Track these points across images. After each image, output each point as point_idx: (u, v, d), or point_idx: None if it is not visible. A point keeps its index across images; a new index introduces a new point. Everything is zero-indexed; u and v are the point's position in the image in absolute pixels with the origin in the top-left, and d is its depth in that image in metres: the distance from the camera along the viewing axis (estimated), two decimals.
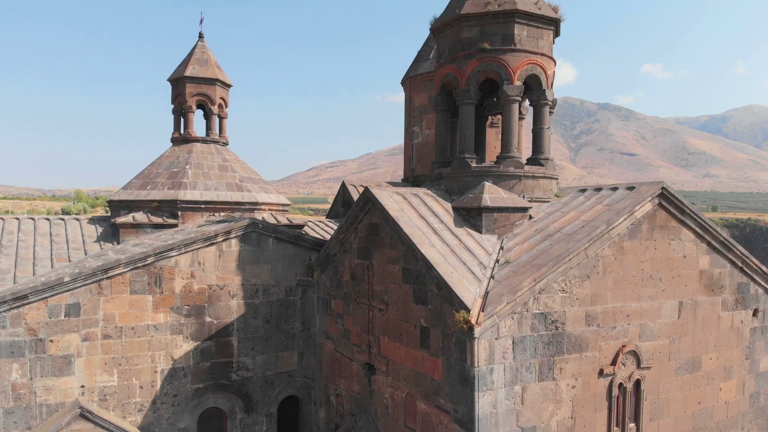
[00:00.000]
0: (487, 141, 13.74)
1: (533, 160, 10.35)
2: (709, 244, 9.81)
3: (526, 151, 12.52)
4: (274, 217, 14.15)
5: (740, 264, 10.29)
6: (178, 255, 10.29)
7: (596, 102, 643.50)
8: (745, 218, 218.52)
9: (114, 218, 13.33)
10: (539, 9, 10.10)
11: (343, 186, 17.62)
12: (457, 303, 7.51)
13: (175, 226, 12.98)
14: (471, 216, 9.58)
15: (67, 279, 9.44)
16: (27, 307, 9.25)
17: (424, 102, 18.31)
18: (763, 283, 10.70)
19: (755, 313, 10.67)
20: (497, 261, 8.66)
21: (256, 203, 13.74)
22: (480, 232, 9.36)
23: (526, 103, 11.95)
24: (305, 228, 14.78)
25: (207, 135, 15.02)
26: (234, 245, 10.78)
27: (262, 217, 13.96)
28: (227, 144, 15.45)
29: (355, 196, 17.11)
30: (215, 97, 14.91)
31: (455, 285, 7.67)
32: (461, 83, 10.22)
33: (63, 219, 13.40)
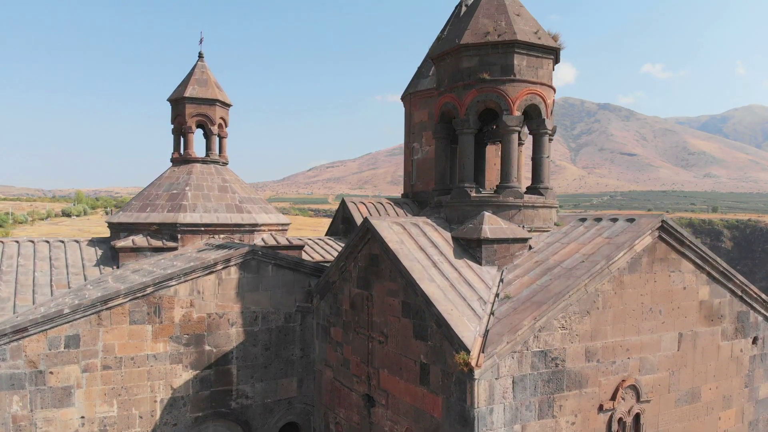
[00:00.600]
0: (487, 158, 13.76)
1: (533, 189, 10.34)
2: (708, 274, 9.81)
3: (525, 180, 12.54)
4: (274, 238, 14.17)
5: (740, 293, 10.28)
6: (177, 284, 10.28)
7: (596, 102, 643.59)
8: (745, 219, 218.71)
9: (113, 240, 13.34)
10: (539, 39, 10.09)
11: (343, 203, 17.63)
12: (457, 343, 7.51)
13: (174, 249, 12.98)
14: (471, 247, 9.58)
15: (66, 311, 9.44)
16: (27, 340, 9.25)
17: (424, 118, 18.32)
18: (762, 311, 10.71)
19: (755, 341, 10.68)
20: (497, 295, 8.65)
21: (256, 225, 13.74)
22: (480, 263, 9.35)
23: (525, 129, 11.94)
24: (305, 249, 14.79)
25: (207, 155, 15.02)
26: (233, 273, 10.77)
27: (262, 239, 13.99)
28: (227, 163, 15.46)
29: (355, 214, 17.15)
30: (215, 117, 14.91)
31: (455, 324, 7.66)
32: (460, 113, 10.22)
33: (62, 242, 13.40)
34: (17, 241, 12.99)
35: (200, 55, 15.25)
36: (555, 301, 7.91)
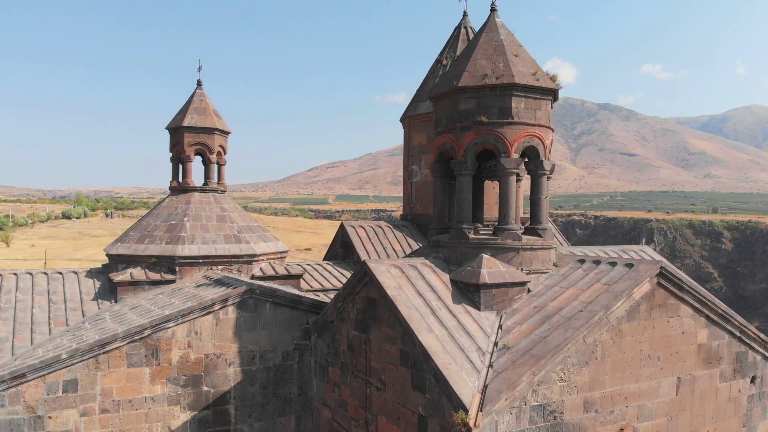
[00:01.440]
0: (486, 190, 13.76)
1: (531, 230, 10.32)
2: (707, 317, 9.80)
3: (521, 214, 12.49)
4: (272, 267, 14.18)
5: (738, 334, 10.27)
6: (175, 326, 10.27)
7: (596, 102, 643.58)
8: (745, 220, 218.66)
9: (111, 272, 13.34)
10: (537, 80, 10.08)
11: (342, 227, 17.62)
12: (455, 401, 7.49)
13: (173, 281, 12.98)
14: (469, 291, 9.57)
15: (64, 356, 9.43)
16: (25, 386, 9.24)
17: (423, 142, 18.31)
18: (761, 350, 10.69)
19: (753, 380, 10.66)
20: (496, 344, 8.64)
21: (254, 255, 13.73)
22: (478, 308, 9.34)
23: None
24: (303, 276, 14.79)
25: (205, 184, 15.02)
26: (231, 312, 10.77)
27: (260, 268, 13.99)
28: (225, 191, 15.45)
29: (354, 239, 17.13)
30: (214, 146, 14.90)
31: (453, 380, 7.65)
32: (458, 154, 10.21)
33: (60, 273, 13.40)
34: (15, 274, 12.98)
35: (199, 83, 15.25)
36: (553, 354, 7.90)
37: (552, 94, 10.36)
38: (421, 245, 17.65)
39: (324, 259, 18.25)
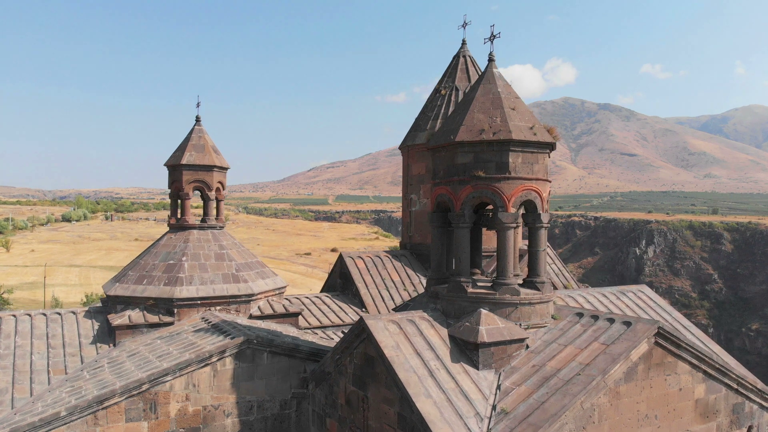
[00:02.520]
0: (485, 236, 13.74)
1: (529, 283, 10.32)
2: (704, 372, 9.80)
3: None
4: (270, 306, 14.19)
5: (736, 386, 10.27)
6: (173, 379, 10.28)
7: (597, 102, 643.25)
8: (745, 222, 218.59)
9: (110, 312, 13.36)
10: (534, 135, 10.08)
11: (341, 258, 17.64)
12: None
13: (171, 324, 12.99)
14: (468, 348, 9.57)
15: (63, 413, 9.44)
16: None
17: (422, 171, 18.33)
18: (758, 400, 10.70)
19: (749, 430, 10.68)
20: (494, 407, 8.65)
21: (252, 295, 13.74)
22: (477, 367, 9.34)
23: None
24: (302, 313, 14.81)
25: (204, 221, 15.03)
26: (228, 363, 10.77)
27: (258, 307, 14.01)
28: (224, 226, 15.46)
29: (353, 270, 17.15)
30: (212, 183, 14.91)
31: None
32: (456, 206, 10.21)
33: (59, 314, 13.40)
34: (14, 316, 12.99)
35: (197, 119, 15.25)
36: (551, 423, 7.90)
37: (549, 147, 10.36)
38: (419, 275, 17.69)
39: (322, 290, 18.27)
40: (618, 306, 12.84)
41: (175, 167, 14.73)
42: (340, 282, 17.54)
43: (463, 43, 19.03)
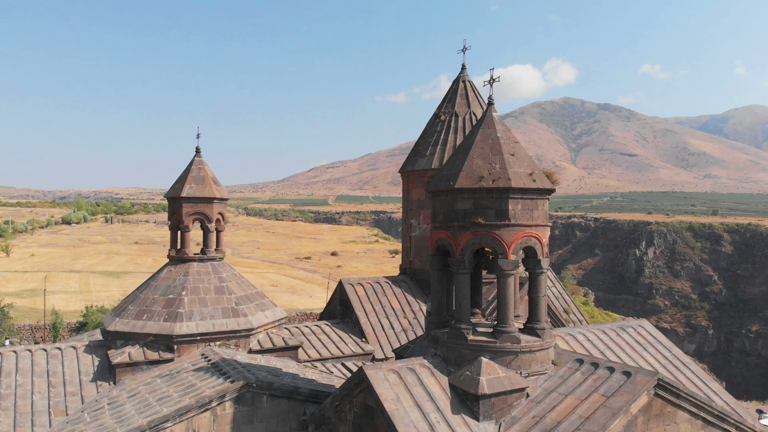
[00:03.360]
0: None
1: (529, 330, 10.32)
2: (704, 419, 9.80)
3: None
4: (270, 339, 14.20)
5: (734, 431, 10.29)
6: (173, 425, 10.28)
7: (596, 102, 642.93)
8: (745, 223, 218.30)
9: (110, 348, 13.36)
10: (534, 181, 10.08)
11: (341, 285, 17.65)
12: None
13: (171, 360, 12.99)
14: (468, 398, 9.56)
15: None
16: None
17: (421, 197, 18.34)
18: None
19: None
20: None
21: (251, 329, 13.73)
22: (477, 419, 9.34)
23: None
24: (300, 348, 14.81)
25: (204, 253, 15.03)
26: (228, 408, 10.78)
27: (258, 341, 14.02)
28: (223, 257, 15.46)
29: (352, 297, 17.16)
30: (212, 215, 14.91)
31: None
32: (456, 252, 10.21)
33: (60, 349, 13.41)
34: (15, 352, 13.00)
35: (197, 150, 15.25)
36: None
37: (549, 192, 10.36)
38: (419, 301, 17.70)
39: (322, 315, 18.30)
40: (618, 343, 12.84)
41: (175, 199, 14.73)
42: (340, 309, 17.54)
43: (463, 67, 19.03)
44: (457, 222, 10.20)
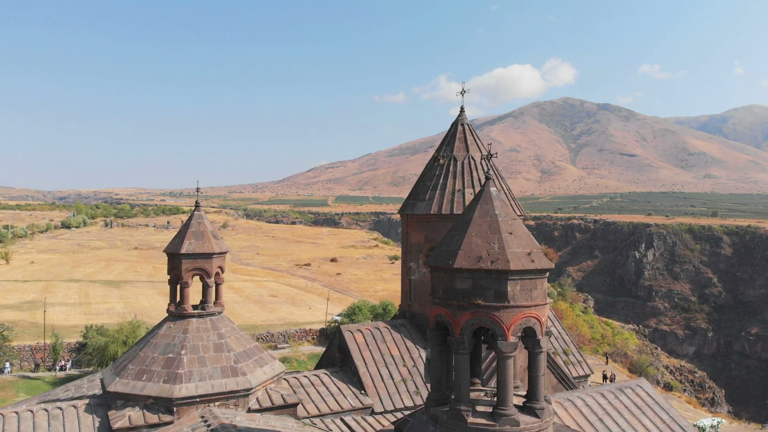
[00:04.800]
0: None
1: (528, 409, 10.32)
2: None
3: None
4: (269, 398, 14.22)
5: None
6: None
7: (596, 102, 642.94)
8: (745, 225, 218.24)
9: (110, 408, 13.38)
10: (533, 262, 10.10)
11: (339, 331, 17.65)
12: None
13: (170, 423, 13.01)
14: None
15: None
16: None
17: (421, 241, 18.36)
18: None
19: None
20: None
21: (250, 389, 13.72)
22: None
23: None
24: (302, 402, 14.84)
25: (203, 308, 15.03)
26: None
27: (257, 399, 14.03)
28: (222, 310, 15.46)
29: (351, 344, 17.16)
30: (211, 270, 14.92)
31: None
32: (455, 331, 10.22)
33: (61, 409, 13.41)
34: (17, 413, 13.01)
35: (197, 205, 15.27)
36: None
37: (548, 271, 10.38)
38: (418, 347, 17.71)
39: (320, 361, 18.32)
40: (616, 407, 12.87)
41: (174, 255, 14.75)
42: (339, 356, 17.55)
43: (462, 110, 19.05)
44: (456, 301, 10.22)
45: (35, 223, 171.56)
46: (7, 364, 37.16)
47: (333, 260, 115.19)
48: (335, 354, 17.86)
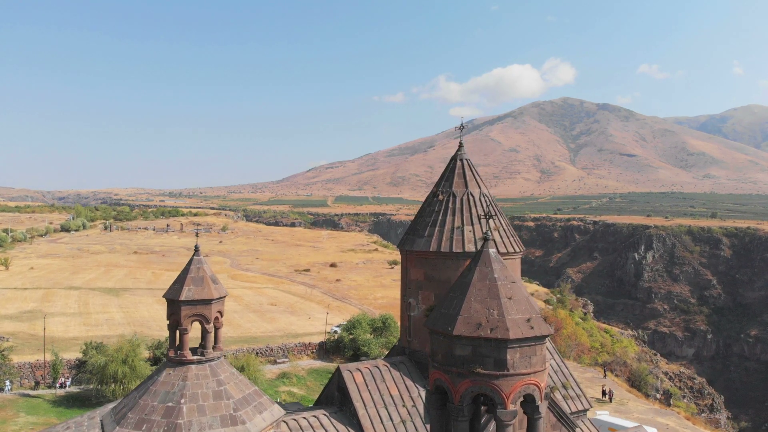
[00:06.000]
0: None
1: None
2: None
3: None
4: None
5: None
6: None
7: (595, 102, 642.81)
8: (744, 227, 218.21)
9: None
10: (532, 329, 10.10)
11: (338, 371, 17.63)
12: None
13: None
14: None
15: None
16: None
17: (420, 277, 18.36)
18: None
19: None
20: None
21: None
22: None
23: None
24: None
25: (202, 353, 15.01)
26: None
27: None
28: (221, 355, 15.44)
29: (350, 385, 17.14)
30: (211, 315, 14.88)
31: None
32: (455, 399, 10.22)
33: None
34: None
35: (196, 249, 15.24)
36: None
37: (546, 337, 10.38)
38: (418, 386, 17.70)
39: (319, 400, 18.31)
40: None
41: (173, 302, 14.71)
42: (338, 396, 17.53)
43: (460, 145, 19.05)
44: (456, 368, 10.22)
45: (35, 226, 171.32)
46: (8, 383, 37.12)
47: (332, 265, 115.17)
48: (334, 393, 17.85)
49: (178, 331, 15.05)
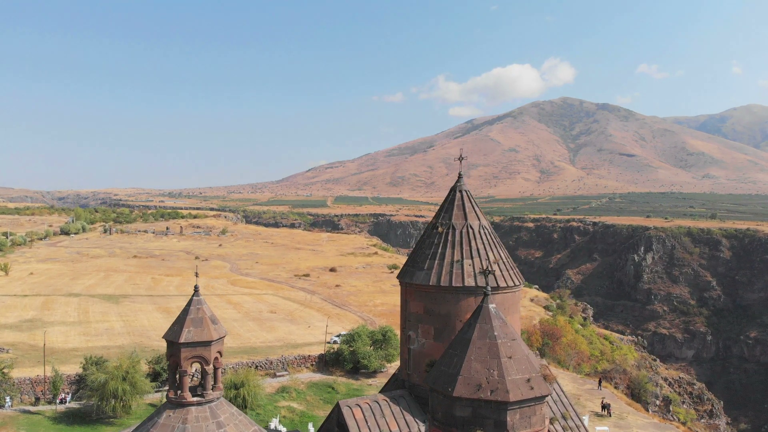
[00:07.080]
0: None
1: None
2: None
3: None
4: None
5: None
6: None
7: (595, 102, 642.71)
8: (744, 228, 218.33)
9: None
10: (531, 389, 10.11)
11: (338, 407, 17.64)
12: None
13: None
14: None
15: None
16: None
17: (419, 311, 18.36)
18: None
19: None
20: None
21: None
22: None
23: None
24: None
25: (202, 395, 15.01)
26: None
27: None
28: (221, 395, 15.43)
29: (350, 422, 17.16)
30: (210, 357, 14.87)
31: None
32: None
33: None
34: None
35: (195, 290, 15.23)
36: None
37: (546, 396, 10.39)
38: (418, 421, 17.70)
39: None
40: None
41: (173, 343, 14.70)
42: (338, 431, 17.54)
43: (460, 176, 19.05)
44: (456, 428, 10.24)
45: (34, 230, 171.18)
46: (8, 399, 37.09)
47: (332, 270, 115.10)
48: (334, 428, 17.85)
49: (177, 373, 15.03)
